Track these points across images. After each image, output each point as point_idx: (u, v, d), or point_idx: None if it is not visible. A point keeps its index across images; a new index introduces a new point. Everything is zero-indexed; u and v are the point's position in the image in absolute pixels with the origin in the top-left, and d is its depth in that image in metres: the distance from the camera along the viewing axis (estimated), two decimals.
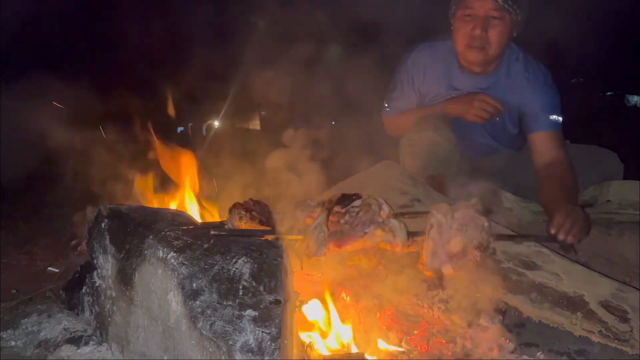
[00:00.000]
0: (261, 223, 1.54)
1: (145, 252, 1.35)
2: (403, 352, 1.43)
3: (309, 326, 1.47)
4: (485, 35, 2.25)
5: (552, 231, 1.71)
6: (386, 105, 2.67)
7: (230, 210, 1.58)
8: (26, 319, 1.68)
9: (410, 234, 1.48)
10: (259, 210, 1.57)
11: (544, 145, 2.34)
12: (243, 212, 1.55)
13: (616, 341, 1.32)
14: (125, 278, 1.43)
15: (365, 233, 1.45)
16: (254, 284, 1.21)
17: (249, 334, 1.10)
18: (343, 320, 1.50)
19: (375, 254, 1.68)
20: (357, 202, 1.50)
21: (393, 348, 1.44)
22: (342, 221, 1.48)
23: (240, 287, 1.20)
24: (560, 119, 2.36)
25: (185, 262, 1.26)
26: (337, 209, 1.51)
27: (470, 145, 2.54)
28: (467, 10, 2.29)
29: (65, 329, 1.61)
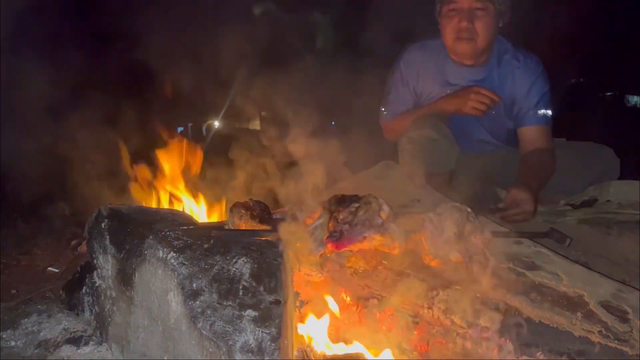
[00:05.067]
0: (261, 223, 1.54)
1: (145, 252, 1.35)
2: (403, 353, 1.43)
3: (309, 326, 1.47)
4: (472, 26, 2.31)
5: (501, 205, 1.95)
6: (383, 109, 2.68)
7: (231, 210, 1.58)
8: (26, 319, 1.68)
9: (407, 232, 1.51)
10: (259, 210, 1.58)
11: (533, 137, 2.42)
12: (243, 212, 1.55)
13: (616, 341, 1.32)
14: (125, 278, 1.43)
15: (365, 237, 1.45)
16: (254, 284, 1.21)
17: (249, 334, 1.10)
18: (342, 321, 1.50)
19: (375, 255, 1.68)
20: (356, 204, 1.50)
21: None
22: (340, 220, 1.47)
23: (240, 287, 1.20)
24: (550, 112, 2.43)
25: (185, 262, 1.26)
26: (336, 209, 1.51)
27: (468, 142, 2.56)
28: (451, 5, 2.35)
29: (65, 329, 1.61)
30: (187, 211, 2.06)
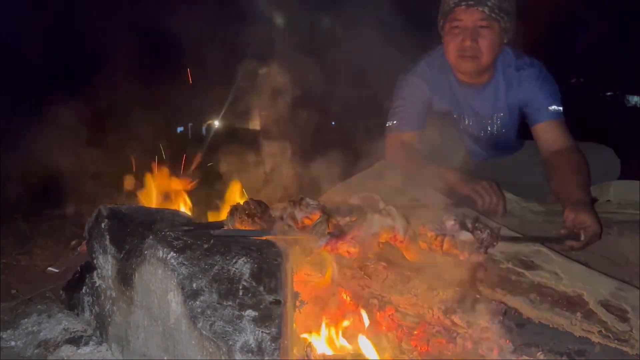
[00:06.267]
0: (261, 223, 1.54)
1: (145, 252, 1.35)
2: (403, 353, 1.43)
3: (310, 327, 1.47)
4: (476, 45, 2.25)
5: (563, 232, 1.80)
6: (391, 122, 2.50)
7: (231, 211, 1.58)
8: (26, 319, 1.68)
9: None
10: (259, 210, 1.57)
11: (550, 134, 2.35)
12: (244, 214, 1.55)
13: (616, 341, 1.32)
14: (125, 278, 1.43)
15: (364, 220, 1.45)
16: (254, 284, 1.21)
17: (249, 334, 1.10)
18: (343, 321, 1.50)
19: (375, 255, 1.68)
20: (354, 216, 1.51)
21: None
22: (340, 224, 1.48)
23: (240, 288, 1.20)
24: (561, 108, 2.38)
25: (185, 262, 1.26)
26: (334, 216, 1.51)
27: (470, 153, 2.55)
28: (455, 23, 2.28)
29: (65, 329, 1.61)
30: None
